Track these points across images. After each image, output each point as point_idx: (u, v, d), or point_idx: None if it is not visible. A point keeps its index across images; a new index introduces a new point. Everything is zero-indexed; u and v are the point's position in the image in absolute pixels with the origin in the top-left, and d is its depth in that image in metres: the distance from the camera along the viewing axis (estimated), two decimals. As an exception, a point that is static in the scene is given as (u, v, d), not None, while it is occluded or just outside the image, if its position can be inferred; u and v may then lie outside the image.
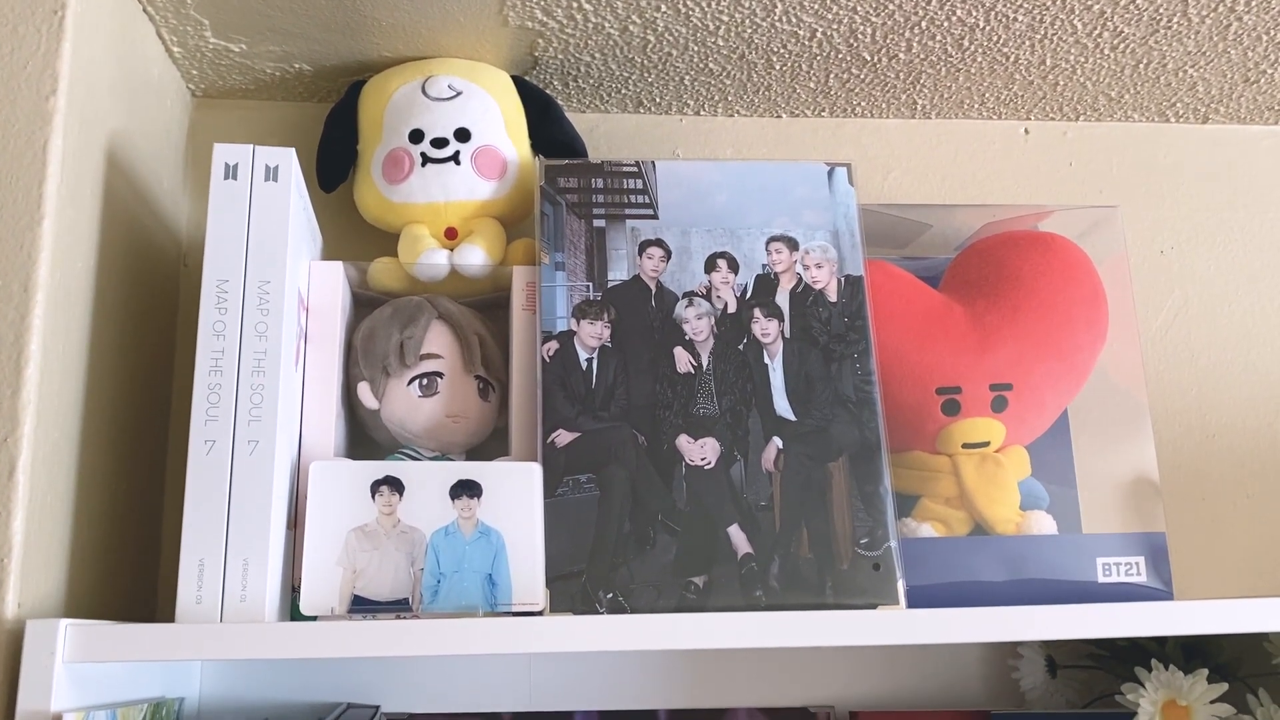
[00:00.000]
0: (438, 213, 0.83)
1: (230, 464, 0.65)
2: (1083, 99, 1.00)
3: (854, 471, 0.74)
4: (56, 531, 0.66)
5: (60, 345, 0.66)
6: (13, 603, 0.59)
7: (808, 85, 0.95)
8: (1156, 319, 1.01)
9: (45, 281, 0.64)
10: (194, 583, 0.63)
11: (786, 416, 0.75)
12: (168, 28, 0.83)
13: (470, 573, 0.69)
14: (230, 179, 0.70)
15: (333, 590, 0.68)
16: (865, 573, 0.72)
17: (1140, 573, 0.77)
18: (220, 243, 0.69)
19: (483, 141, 0.84)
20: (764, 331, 0.77)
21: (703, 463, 0.73)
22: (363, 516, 0.69)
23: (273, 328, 0.68)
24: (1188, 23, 0.88)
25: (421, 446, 0.79)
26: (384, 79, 0.87)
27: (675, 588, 0.70)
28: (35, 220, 0.64)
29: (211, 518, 0.64)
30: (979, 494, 0.78)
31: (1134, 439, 0.81)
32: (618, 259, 0.78)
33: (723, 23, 0.85)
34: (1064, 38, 0.89)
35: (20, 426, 0.61)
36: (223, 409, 0.66)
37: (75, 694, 0.59)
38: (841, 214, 0.80)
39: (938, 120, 1.02)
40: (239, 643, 0.60)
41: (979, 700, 0.89)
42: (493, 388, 0.81)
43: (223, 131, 0.93)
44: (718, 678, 0.87)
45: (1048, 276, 0.82)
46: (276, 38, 0.85)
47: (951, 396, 0.79)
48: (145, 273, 0.82)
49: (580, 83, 0.93)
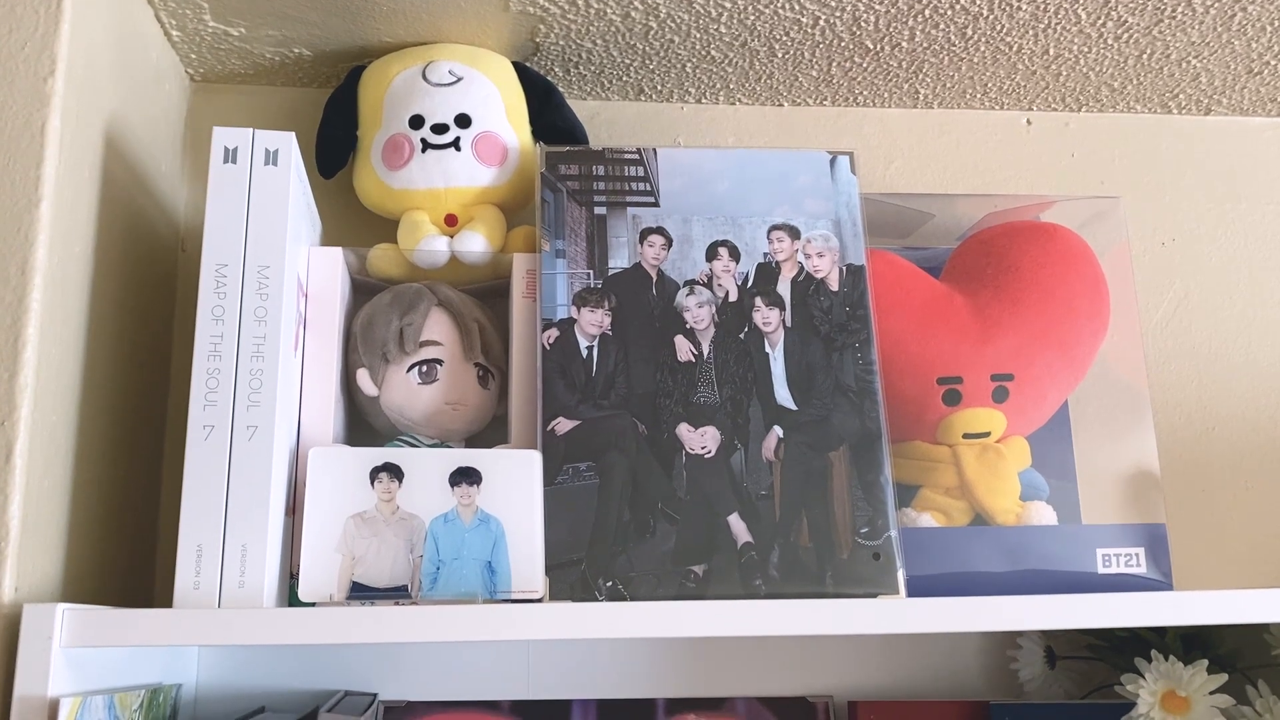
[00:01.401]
0: (438, 199, 0.83)
1: (229, 449, 0.65)
2: (1085, 89, 0.99)
3: (854, 461, 0.74)
4: (54, 516, 0.65)
5: (58, 328, 0.66)
6: (9, 587, 0.59)
7: (810, 74, 0.95)
8: (1157, 310, 1.00)
9: (43, 264, 0.63)
10: (192, 568, 0.63)
11: (787, 405, 0.75)
12: (166, 11, 0.83)
13: (469, 560, 0.69)
14: (230, 163, 0.69)
15: (331, 577, 0.67)
16: (865, 562, 0.71)
17: (1140, 564, 0.77)
18: (219, 227, 0.68)
19: (483, 128, 0.83)
20: (765, 320, 0.76)
21: (703, 451, 0.73)
22: (362, 503, 0.69)
23: (272, 313, 0.68)
24: (1192, 13, 0.87)
25: (420, 433, 0.79)
26: (384, 64, 0.86)
27: (675, 576, 0.70)
28: (33, 202, 0.63)
29: (210, 503, 0.64)
30: (979, 484, 0.78)
31: (1135, 430, 0.81)
32: (618, 247, 0.77)
33: (725, 10, 0.85)
34: (1068, 27, 0.89)
35: (18, 410, 0.61)
36: (221, 394, 0.66)
37: (72, 679, 0.58)
38: (843, 203, 0.80)
39: (940, 110, 1.02)
40: (237, 628, 0.59)
41: (978, 690, 0.89)
42: (492, 375, 0.81)
43: (221, 116, 0.92)
44: (716, 667, 0.87)
45: (1049, 267, 0.82)
46: (276, 22, 0.85)
47: (952, 386, 0.79)
48: (143, 257, 0.81)
49: (581, 69, 0.93)
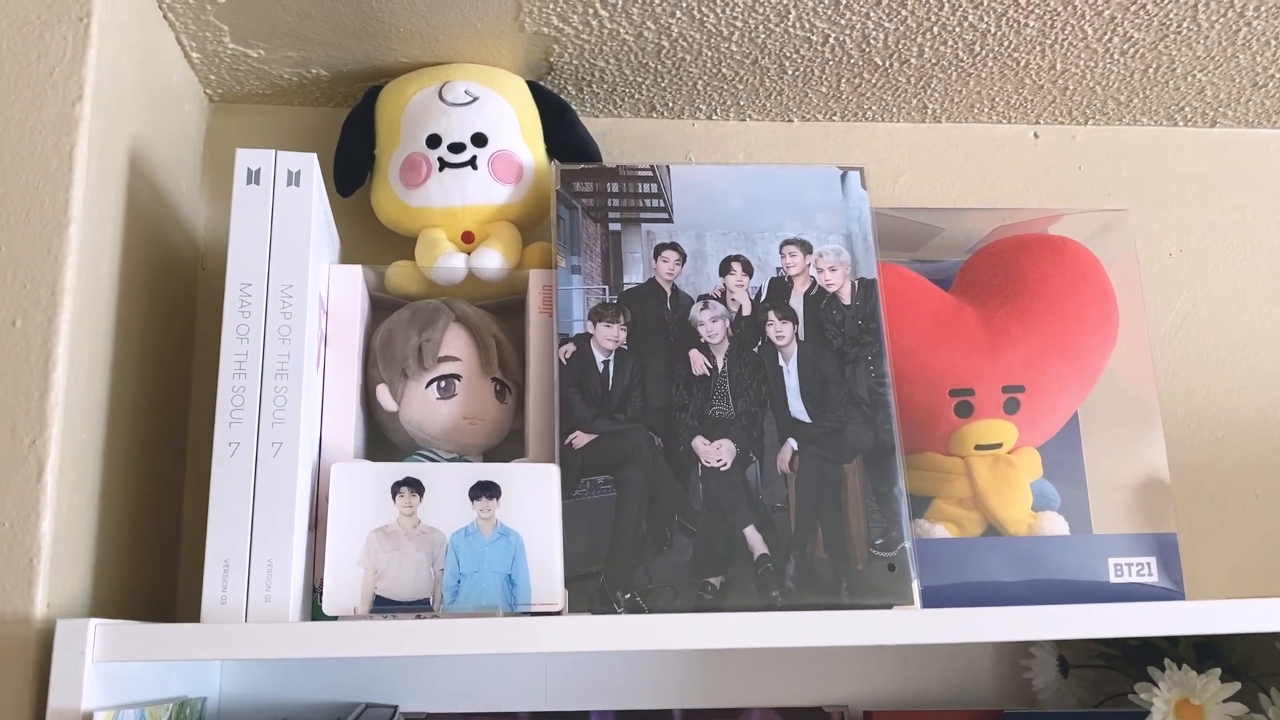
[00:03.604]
0: (455, 217, 0.84)
1: (254, 466, 0.66)
2: (1092, 103, 1.00)
3: (868, 473, 0.74)
4: (82, 532, 0.67)
5: (86, 348, 0.67)
6: (42, 602, 0.60)
7: (819, 90, 0.96)
8: (1165, 321, 1.01)
9: (72, 285, 0.64)
10: (219, 583, 0.64)
11: (801, 418, 0.76)
12: (187, 34, 0.84)
13: (490, 573, 0.70)
14: (253, 184, 0.71)
15: (354, 590, 0.68)
16: (880, 573, 0.72)
17: (1152, 573, 0.78)
18: (243, 247, 0.70)
19: (499, 146, 0.85)
20: (778, 334, 0.77)
21: (718, 464, 0.74)
22: (384, 517, 0.70)
23: (295, 331, 0.69)
24: (1197, 28, 0.89)
25: (439, 448, 0.80)
26: (401, 84, 0.87)
27: (692, 588, 0.71)
28: (62, 225, 0.65)
29: (236, 518, 0.65)
30: (992, 495, 0.79)
31: (1144, 440, 0.81)
32: (633, 262, 0.78)
33: (736, 28, 0.86)
34: (1074, 43, 0.90)
35: (49, 428, 0.62)
36: (246, 411, 0.67)
37: (103, 693, 0.59)
38: (855, 217, 0.81)
39: (948, 124, 1.03)
40: (266, 642, 0.60)
41: (991, 699, 0.89)
42: (509, 390, 0.82)
43: (239, 135, 0.94)
44: (733, 678, 0.88)
45: (1058, 279, 0.83)
46: (295, 43, 0.86)
47: (964, 398, 0.80)
48: (165, 276, 0.83)
49: (594, 88, 0.94)
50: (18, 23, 0.67)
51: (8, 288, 0.63)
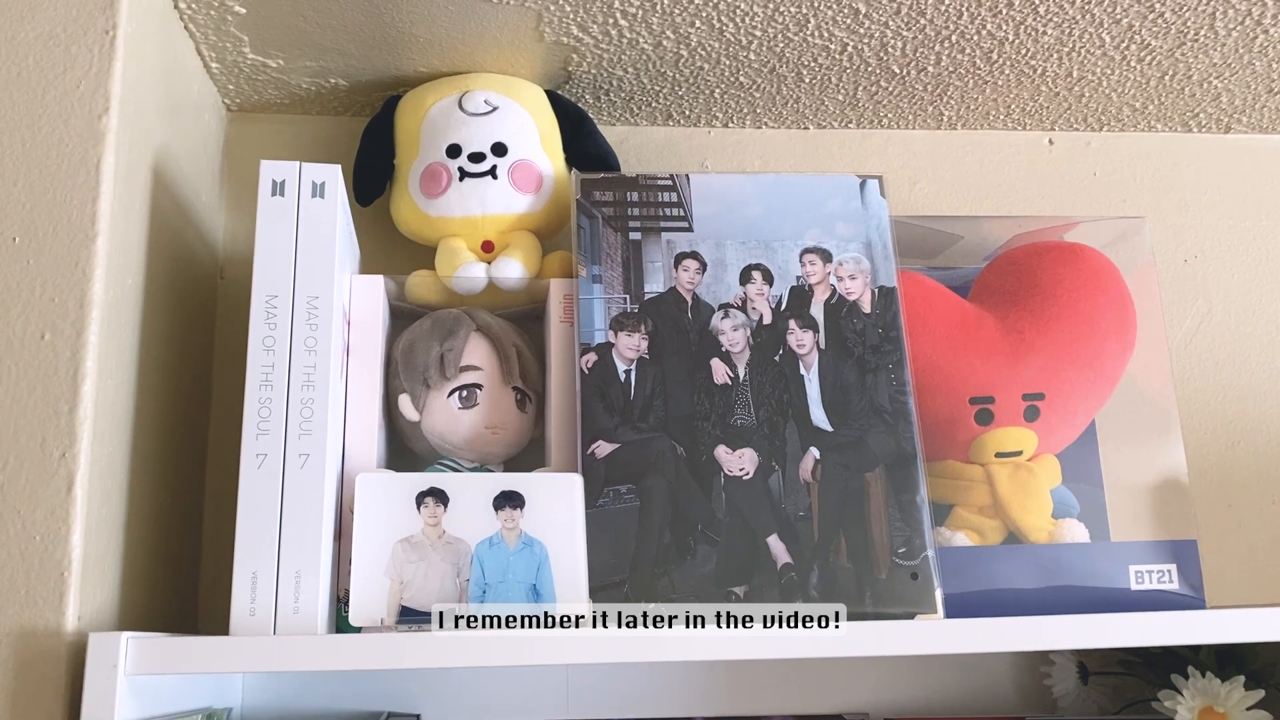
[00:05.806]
0: (475, 226, 0.84)
1: (282, 477, 0.66)
2: (1107, 110, 1.01)
3: (891, 481, 0.75)
4: (110, 544, 0.67)
5: (113, 360, 0.67)
6: (73, 615, 0.60)
7: (836, 98, 0.96)
8: (1181, 328, 1.01)
9: (100, 298, 0.65)
10: (247, 595, 0.64)
11: (823, 427, 0.76)
12: (207, 44, 0.85)
13: (515, 583, 0.70)
14: (278, 195, 0.71)
15: (381, 601, 0.68)
16: (903, 582, 0.72)
17: (1172, 579, 0.78)
18: (269, 258, 0.70)
19: (519, 156, 0.85)
20: (799, 343, 0.78)
21: (741, 473, 0.74)
22: (408, 528, 0.70)
23: (321, 342, 0.69)
24: (1214, 35, 0.89)
25: (461, 458, 0.80)
26: (420, 94, 0.88)
27: (716, 597, 0.71)
28: (90, 237, 0.65)
29: (264, 530, 0.65)
30: (1012, 503, 0.79)
31: (1163, 446, 0.81)
32: (654, 271, 0.79)
33: (755, 37, 0.86)
34: (1091, 50, 0.90)
35: (78, 441, 0.62)
36: (273, 423, 0.67)
37: (135, 705, 0.60)
38: (874, 225, 0.81)
39: (963, 131, 1.03)
40: (297, 656, 0.60)
41: (1012, 706, 0.90)
42: (529, 399, 0.82)
43: (257, 145, 0.94)
44: (753, 686, 0.88)
45: (1077, 286, 0.83)
46: (314, 53, 0.86)
47: (984, 406, 0.80)
48: (186, 286, 0.83)
49: (612, 96, 0.94)
50: (44, 36, 0.67)
51: (36, 301, 0.64)
